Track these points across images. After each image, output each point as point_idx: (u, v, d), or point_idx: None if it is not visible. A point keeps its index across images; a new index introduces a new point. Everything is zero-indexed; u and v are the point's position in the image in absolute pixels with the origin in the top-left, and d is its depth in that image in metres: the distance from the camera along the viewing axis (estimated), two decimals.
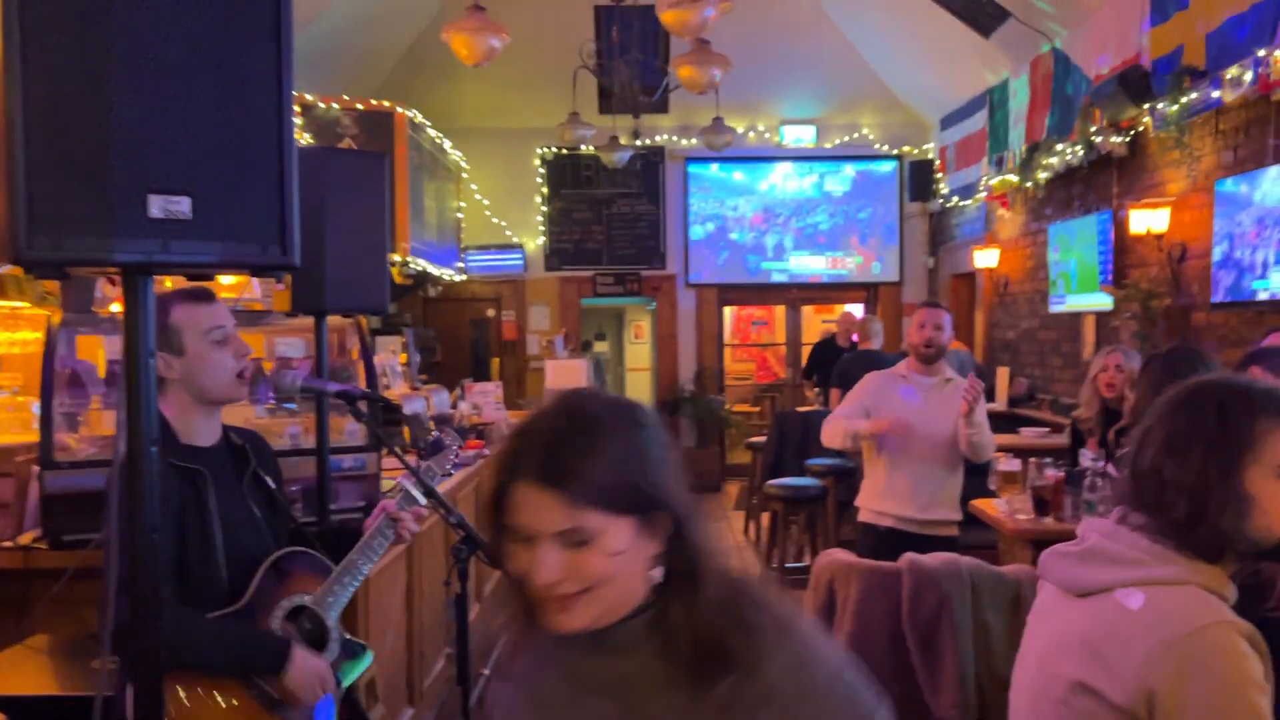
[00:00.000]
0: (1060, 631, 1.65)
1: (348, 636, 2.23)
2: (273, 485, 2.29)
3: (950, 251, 10.47)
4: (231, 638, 2.04)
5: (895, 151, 10.96)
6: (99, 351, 3.44)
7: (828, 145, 10.98)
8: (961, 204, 9.79)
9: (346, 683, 2.25)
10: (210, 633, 2.01)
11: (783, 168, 11.05)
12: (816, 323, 12.76)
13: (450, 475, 4.57)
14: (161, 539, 1.90)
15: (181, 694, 1.93)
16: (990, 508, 4.05)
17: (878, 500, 4.18)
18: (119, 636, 1.36)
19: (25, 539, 3.00)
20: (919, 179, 10.59)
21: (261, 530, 2.21)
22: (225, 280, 5.55)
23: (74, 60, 1.09)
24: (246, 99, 1.20)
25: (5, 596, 2.90)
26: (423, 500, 2.35)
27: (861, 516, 4.26)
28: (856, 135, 10.95)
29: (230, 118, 1.19)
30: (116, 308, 3.63)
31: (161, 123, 1.15)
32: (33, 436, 3.12)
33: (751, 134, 10.90)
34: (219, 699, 1.98)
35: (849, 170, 11.05)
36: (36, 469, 2.96)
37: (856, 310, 10.53)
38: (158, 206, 1.14)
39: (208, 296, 2.19)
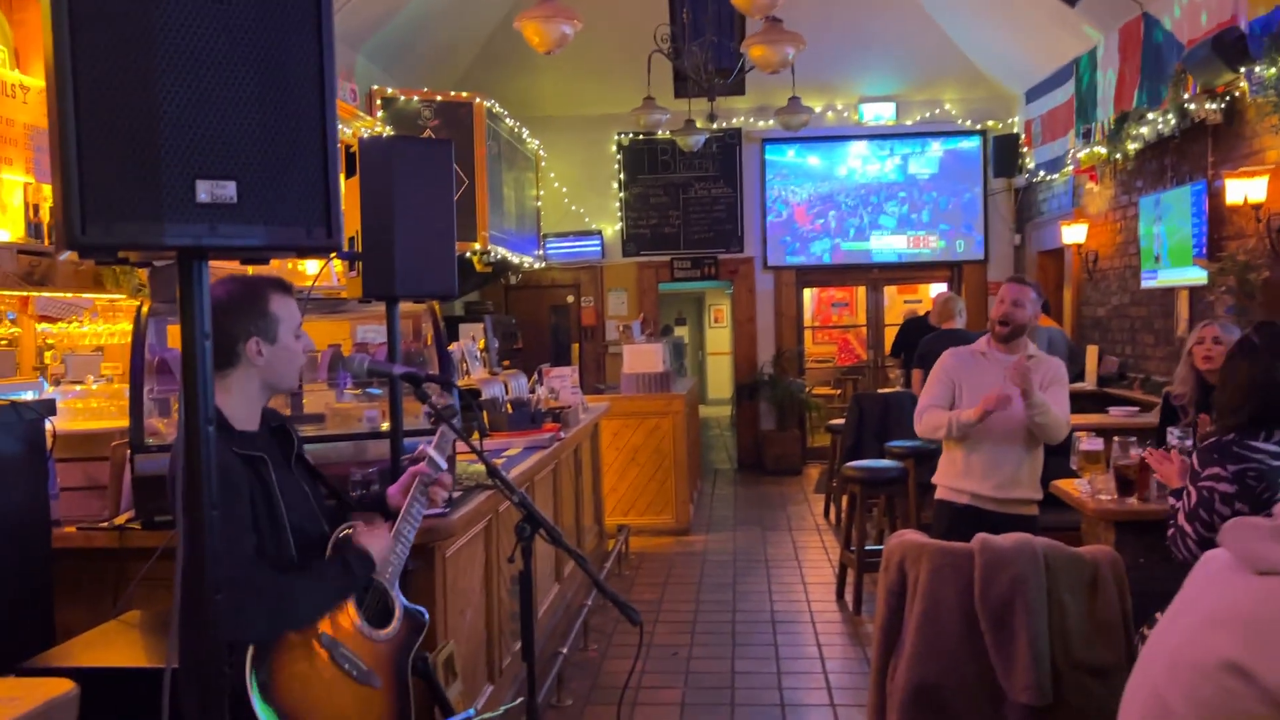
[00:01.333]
0: (1223, 604, 1.56)
1: (405, 602, 2.30)
2: (311, 463, 2.37)
3: (1037, 228, 10.18)
4: (324, 571, 2.13)
5: (979, 127, 10.70)
6: None
7: (908, 122, 10.77)
8: (1048, 178, 9.51)
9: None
10: (307, 582, 2.10)
11: (862, 146, 10.87)
12: (899, 303, 12.56)
13: (533, 418, 4.61)
14: (242, 524, 2.02)
15: (290, 688, 2.01)
16: (1072, 488, 3.95)
17: (955, 478, 4.11)
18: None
19: (120, 520, 3.14)
20: (1003, 154, 10.31)
21: (315, 509, 2.29)
22: (310, 269, 5.72)
23: (122, 51, 1.14)
24: (289, 86, 1.24)
25: (102, 574, 3.04)
26: (444, 465, 2.39)
27: (939, 494, 4.19)
28: (938, 111, 10.71)
29: (273, 104, 1.23)
30: None
31: (207, 110, 1.19)
32: (129, 422, 3.26)
33: (830, 113, 10.76)
34: (313, 674, 2.06)
35: (931, 148, 10.82)
36: (129, 453, 3.09)
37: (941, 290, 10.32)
38: (205, 191, 1.19)
39: (291, 288, 2.26)
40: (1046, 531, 3.12)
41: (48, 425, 2.83)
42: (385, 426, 3.46)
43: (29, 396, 3.09)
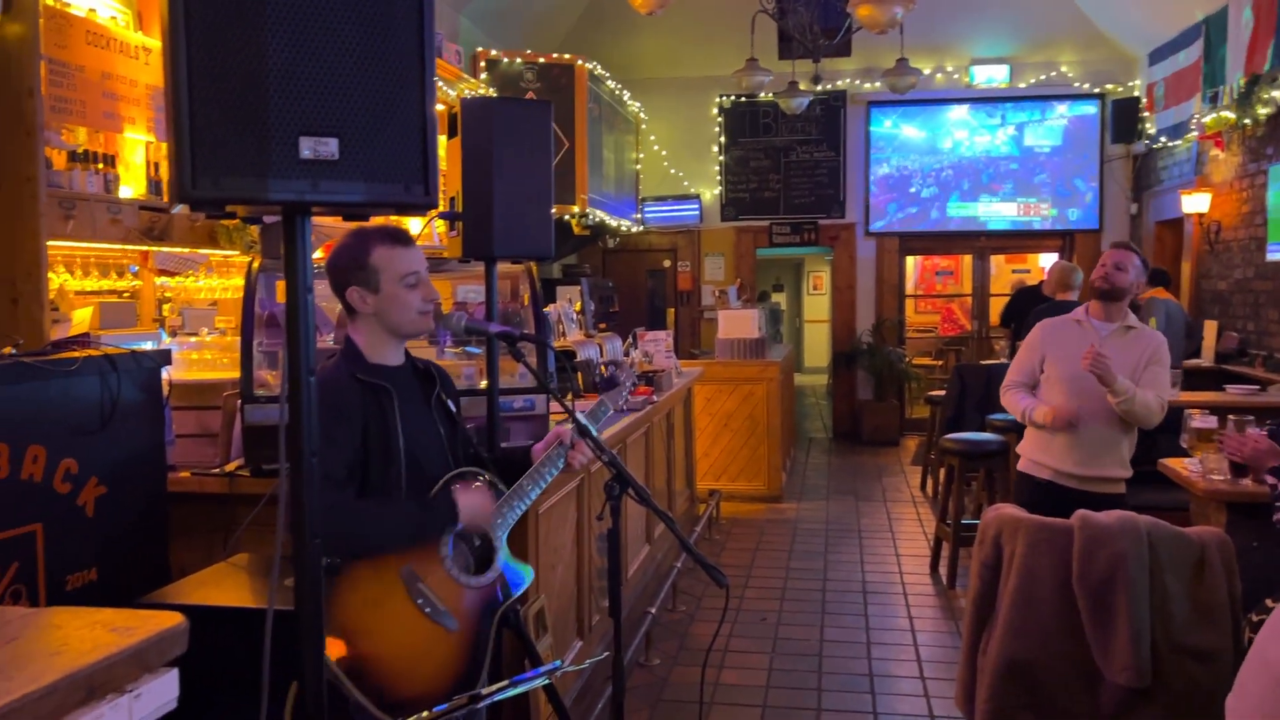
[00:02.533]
0: None
1: (510, 560, 2.34)
2: (454, 409, 2.42)
3: (1155, 196, 9.74)
4: (405, 507, 2.19)
5: (1097, 90, 10.26)
6: None
7: (1022, 85, 10.39)
8: (1170, 145, 9.08)
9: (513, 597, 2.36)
10: (385, 510, 2.16)
11: (972, 110, 10.54)
12: (1006, 272, 12.19)
13: (623, 411, 4.69)
14: (339, 444, 2.09)
15: (353, 607, 2.08)
16: (1181, 466, 3.79)
17: (1038, 451, 3.98)
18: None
19: (230, 467, 3.28)
20: (1122, 119, 9.87)
21: (443, 448, 2.34)
22: (413, 228, 5.84)
23: (231, 12, 1.18)
24: (390, 44, 1.26)
25: (213, 519, 3.18)
26: (595, 431, 2.42)
27: (1021, 465, 4.07)
28: (1054, 74, 10.30)
29: (375, 63, 1.26)
30: (318, 254, 3.88)
31: (312, 69, 1.22)
32: (240, 373, 3.38)
33: (939, 75, 10.45)
34: (385, 602, 2.12)
35: (1045, 112, 10.43)
36: (239, 403, 3.22)
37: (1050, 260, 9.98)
38: (308, 148, 1.22)
39: (406, 240, 2.29)
40: (1151, 510, 3.01)
41: (164, 374, 2.96)
42: (483, 385, 3.53)
43: (148, 347, 3.24)
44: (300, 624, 1.42)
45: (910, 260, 11.52)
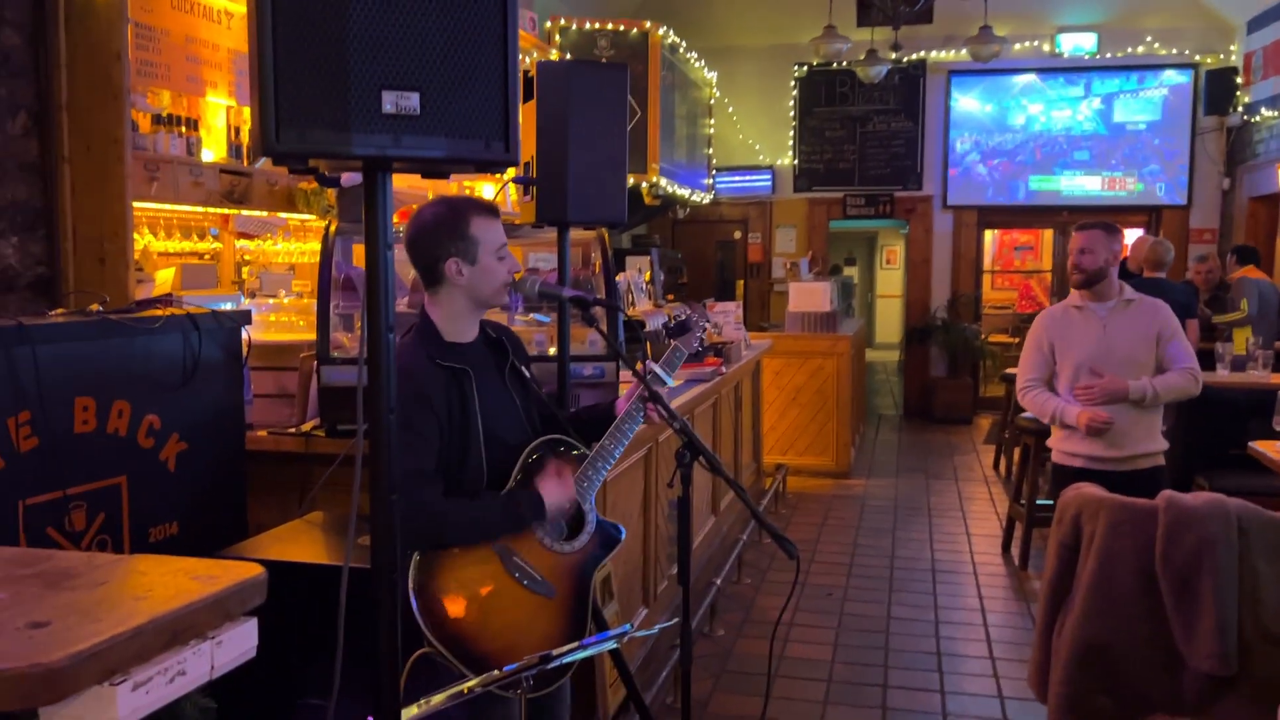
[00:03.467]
0: None
1: (601, 518, 2.34)
2: (528, 375, 2.42)
3: (1250, 170, 9.36)
4: (490, 508, 2.18)
5: (1190, 59, 9.86)
6: None
7: (1110, 54, 10.03)
8: (1267, 117, 8.70)
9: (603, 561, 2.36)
10: (472, 512, 2.16)
11: (1057, 79, 10.21)
12: None
13: (697, 351, 4.66)
14: (426, 436, 2.09)
15: (453, 584, 2.10)
16: (1273, 450, 3.66)
17: (1065, 440, 3.91)
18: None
19: (307, 427, 3.33)
20: (1217, 90, 9.49)
21: (520, 419, 2.35)
22: (486, 194, 5.86)
23: None
24: None
25: (290, 477, 3.24)
26: (671, 382, 2.41)
27: (1054, 458, 4.00)
28: (1144, 42, 9.93)
29: (457, 16, 1.24)
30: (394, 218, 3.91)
31: (394, 22, 1.21)
32: (316, 336, 3.43)
33: (1023, 44, 10.14)
34: (481, 578, 2.14)
35: (1134, 82, 10.06)
36: (316, 364, 3.27)
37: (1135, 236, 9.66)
38: (390, 102, 1.21)
39: (496, 211, 2.30)
40: (1241, 495, 2.90)
41: (244, 334, 3.01)
42: (552, 351, 3.53)
43: (228, 308, 3.30)
44: (375, 581, 1.43)
45: (988, 234, 11.26)
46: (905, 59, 10.08)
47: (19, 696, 1.00)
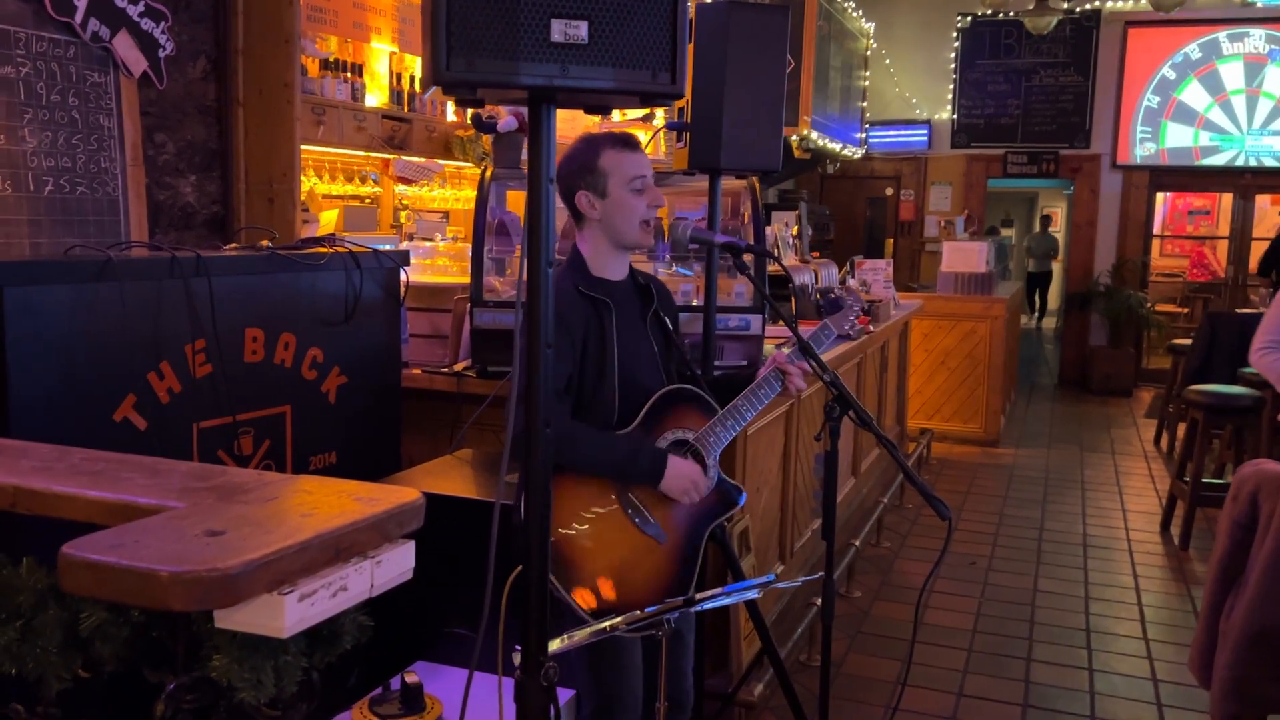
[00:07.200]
0: None
1: (724, 477, 2.32)
2: (671, 325, 2.41)
3: None
4: (616, 444, 2.18)
5: None
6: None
7: None
8: None
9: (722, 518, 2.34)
10: (598, 440, 2.17)
11: (1246, 32, 9.46)
12: (1271, 215, 11.02)
13: (849, 336, 4.57)
14: (561, 356, 2.11)
15: (567, 510, 2.12)
16: None
17: None
18: (516, 444, 1.50)
19: (459, 367, 3.42)
20: None
21: (657, 364, 2.34)
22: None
23: None
24: None
25: (442, 415, 3.34)
26: (816, 352, 2.36)
27: None
28: None
29: None
30: None
31: None
32: (469, 279, 3.51)
33: None
34: (595, 508, 2.15)
35: None
36: (469, 306, 3.34)
37: None
38: (558, 30, 1.20)
39: (634, 144, 2.29)
40: None
41: (402, 275, 3.10)
42: (696, 302, 3.50)
43: (387, 249, 3.40)
44: (528, 514, 1.45)
45: (1160, 196, 10.59)
46: (1078, 9, 9.52)
47: (197, 598, 1.05)
